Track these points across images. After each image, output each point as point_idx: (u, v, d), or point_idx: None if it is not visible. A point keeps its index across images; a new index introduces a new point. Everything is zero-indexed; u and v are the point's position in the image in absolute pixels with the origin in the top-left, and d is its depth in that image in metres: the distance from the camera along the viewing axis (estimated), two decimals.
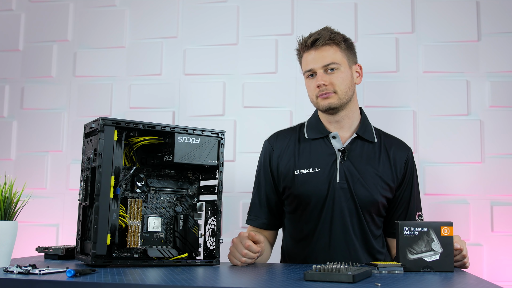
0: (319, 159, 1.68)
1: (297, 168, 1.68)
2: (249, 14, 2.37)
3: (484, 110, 2.19)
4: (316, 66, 1.67)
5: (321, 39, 1.68)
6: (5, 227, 1.23)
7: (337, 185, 1.65)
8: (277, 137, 1.79)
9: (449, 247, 1.32)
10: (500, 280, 2.06)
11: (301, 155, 1.70)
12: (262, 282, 1.04)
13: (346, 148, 1.67)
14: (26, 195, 1.39)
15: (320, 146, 1.71)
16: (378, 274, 1.23)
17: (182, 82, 2.38)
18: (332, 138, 1.71)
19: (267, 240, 1.75)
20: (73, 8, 2.50)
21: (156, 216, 1.38)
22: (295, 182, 1.67)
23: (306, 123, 1.80)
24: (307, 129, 1.76)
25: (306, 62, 1.70)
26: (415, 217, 1.75)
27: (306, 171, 1.67)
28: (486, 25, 2.22)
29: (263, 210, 1.75)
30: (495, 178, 2.14)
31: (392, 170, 1.71)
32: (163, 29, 2.42)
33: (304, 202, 1.66)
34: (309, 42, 1.69)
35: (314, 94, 1.69)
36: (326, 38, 1.67)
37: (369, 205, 1.65)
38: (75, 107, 2.43)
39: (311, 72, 1.69)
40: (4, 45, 2.52)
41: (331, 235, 1.64)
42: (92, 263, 1.22)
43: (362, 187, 1.65)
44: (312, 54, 1.69)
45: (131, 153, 1.38)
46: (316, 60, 1.68)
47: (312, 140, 1.72)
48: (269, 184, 1.75)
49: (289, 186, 1.69)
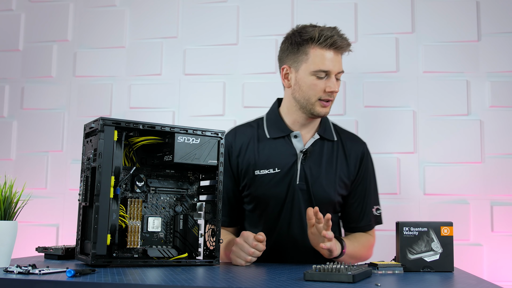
0: (280, 160, 1.64)
1: (257, 168, 1.64)
2: (249, 14, 2.37)
3: (484, 110, 2.19)
4: (334, 69, 1.58)
5: (345, 46, 1.59)
6: (5, 227, 1.23)
7: (297, 186, 1.63)
8: (236, 134, 1.71)
9: (449, 247, 1.32)
10: (500, 280, 2.06)
11: (261, 155, 1.65)
12: (262, 282, 1.04)
13: (308, 149, 1.64)
14: (26, 195, 1.39)
15: (281, 145, 1.66)
16: (378, 274, 1.23)
17: (182, 82, 2.38)
18: (293, 137, 1.66)
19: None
20: (73, 8, 2.50)
21: (156, 216, 1.38)
22: (254, 183, 1.64)
23: (265, 119, 1.73)
24: (268, 127, 1.70)
25: (323, 60, 1.56)
26: (372, 211, 1.73)
27: (266, 171, 1.63)
28: (486, 25, 2.22)
29: (224, 207, 1.64)
30: (495, 178, 2.14)
31: (348, 167, 1.69)
32: (163, 29, 2.42)
33: (263, 202, 1.64)
34: (330, 41, 1.56)
35: (317, 96, 1.59)
36: (347, 46, 1.60)
37: (327, 205, 1.64)
38: (75, 107, 2.43)
39: (325, 72, 1.58)
40: (4, 45, 2.52)
41: (289, 235, 1.62)
42: (92, 263, 1.22)
43: (320, 187, 1.64)
44: (331, 54, 1.57)
45: (131, 153, 1.38)
46: (334, 64, 1.58)
47: (272, 139, 1.67)
48: (229, 181, 1.67)
49: (249, 186, 1.65)
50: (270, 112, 1.75)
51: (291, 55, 1.64)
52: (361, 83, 2.25)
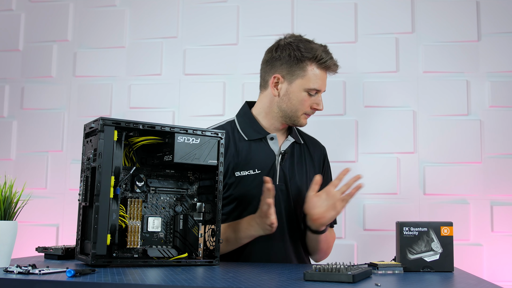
0: (259, 161, 1.66)
1: (237, 170, 1.65)
2: (249, 14, 2.37)
3: (484, 110, 2.19)
4: (323, 89, 1.67)
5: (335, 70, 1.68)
6: (5, 227, 1.23)
7: (277, 187, 1.64)
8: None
9: (449, 247, 1.32)
10: (500, 280, 2.06)
11: (240, 156, 1.66)
12: (262, 282, 1.04)
13: (286, 151, 1.69)
14: (26, 195, 1.39)
15: (258, 147, 1.68)
16: (378, 274, 1.23)
17: (182, 82, 2.38)
18: (269, 139, 1.70)
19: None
20: (73, 8, 2.50)
21: (156, 216, 1.38)
22: (235, 184, 1.64)
23: (238, 122, 1.74)
24: (242, 129, 1.71)
25: (318, 79, 1.64)
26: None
27: (246, 172, 1.64)
28: (486, 25, 2.22)
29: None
30: (495, 178, 2.14)
31: (314, 168, 1.76)
32: (163, 29, 2.42)
33: (244, 203, 1.64)
34: (327, 64, 1.64)
35: (304, 110, 1.66)
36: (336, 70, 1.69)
37: (302, 203, 1.65)
38: (75, 107, 2.43)
39: (315, 92, 1.64)
40: (4, 45, 2.52)
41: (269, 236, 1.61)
42: (92, 263, 1.22)
43: (295, 187, 1.68)
44: (324, 76, 1.66)
45: (131, 153, 1.38)
46: (324, 84, 1.67)
47: (250, 140, 1.69)
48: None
49: (229, 187, 1.65)
50: (242, 114, 1.76)
51: (286, 67, 1.66)
52: (361, 83, 2.25)
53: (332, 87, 2.29)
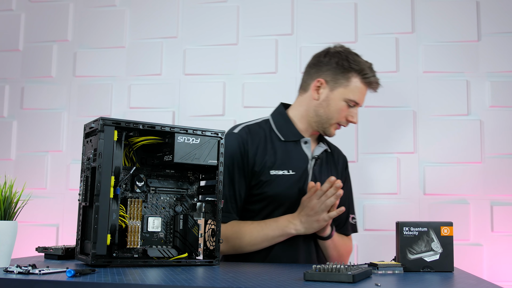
0: (294, 162, 1.68)
1: (273, 168, 1.65)
2: (249, 14, 2.38)
3: (484, 110, 2.19)
4: (361, 103, 1.71)
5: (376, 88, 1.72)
6: (5, 227, 1.23)
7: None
8: (250, 132, 1.71)
9: (449, 247, 1.32)
10: (500, 280, 2.06)
11: (277, 156, 1.67)
12: (262, 282, 1.04)
13: (319, 156, 1.72)
14: (26, 195, 1.39)
15: (294, 149, 1.70)
16: (378, 274, 1.23)
17: (182, 82, 2.38)
18: (303, 143, 1.72)
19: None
20: (73, 8, 2.50)
21: (156, 216, 1.38)
22: (269, 182, 1.64)
23: (274, 122, 1.75)
24: (279, 130, 1.72)
25: (359, 93, 1.68)
26: (348, 218, 1.80)
27: (281, 172, 1.65)
28: (486, 25, 2.22)
29: (233, 206, 1.65)
30: (495, 178, 2.14)
31: (337, 175, 1.78)
32: (163, 29, 2.42)
33: (276, 202, 1.65)
34: (371, 80, 1.68)
35: (338, 120, 1.69)
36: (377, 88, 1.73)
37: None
38: (75, 107, 2.44)
39: (354, 104, 1.68)
40: (4, 45, 2.52)
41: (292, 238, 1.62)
42: (92, 263, 1.22)
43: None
44: (365, 90, 1.70)
45: (131, 153, 1.38)
46: (363, 98, 1.71)
47: (285, 141, 1.70)
48: (242, 180, 1.66)
49: (261, 185, 1.65)
50: (277, 115, 1.77)
51: (332, 73, 1.69)
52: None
53: None
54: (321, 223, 1.56)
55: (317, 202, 1.54)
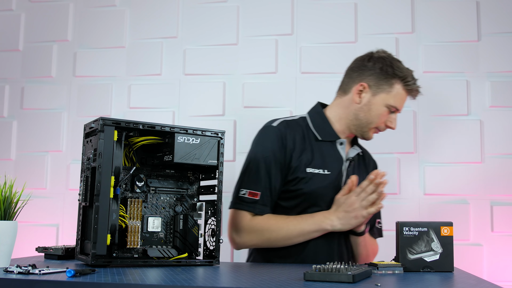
0: (330, 162, 1.69)
1: (310, 166, 1.66)
2: (249, 14, 2.38)
3: (484, 110, 2.19)
4: (400, 109, 1.72)
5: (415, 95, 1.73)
6: (5, 227, 1.23)
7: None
8: (288, 127, 1.70)
9: (449, 247, 1.32)
10: (500, 280, 2.06)
11: (314, 154, 1.68)
12: (262, 282, 1.04)
13: (354, 158, 1.74)
14: (26, 195, 1.39)
15: (330, 149, 1.71)
16: (378, 274, 1.23)
17: (182, 82, 2.38)
18: (339, 144, 1.73)
19: None
20: (73, 8, 2.50)
21: (156, 216, 1.38)
22: (306, 179, 1.65)
23: (311, 120, 1.76)
24: (316, 129, 1.73)
25: (400, 98, 1.70)
26: (375, 222, 1.80)
27: (317, 170, 1.66)
28: (486, 25, 2.22)
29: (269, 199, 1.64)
30: (495, 178, 2.14)
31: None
32: (163, 29, 2.42)
33: (311, 200, 1.65)
34: (413, 88, 1.70)
35: (377, 125, 1.70)
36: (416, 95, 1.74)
37: None
38: (75, 107, 2.44)
39: (394, 110, 1.70)
40: (4, 45, 2.52)
41: (327, 235, 1.63)
42: (92, 263, 1.22)
43: None
44: (405, 98, 1.72)
45: (131, 153, 1.38)
46: (403, 105, 1.72)
47: (322, 141, 1.72)
48: (279, 174, 1.65)
49: (297, 182, 1.65)
50: (315, 114, 1.78)
51: (375, 78, 1.70)
52: None
53: (332, 87, 2.29)
54: (359, 219, 1.56)
55: (356, 199, 1.55)
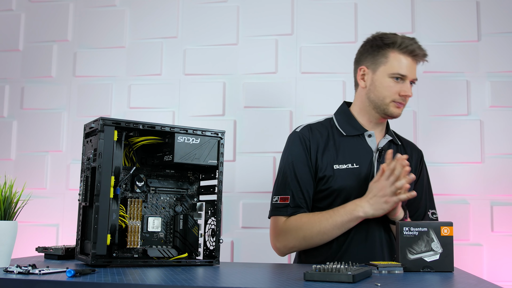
0: (358, 156, 1.69)
1: (336, 163, 1.67)
2: (249, 14, 2.38)
3: (484, 110, 2.19)
4: (410, 75, 1.68)
5: (421, 56, 1.70)
6: (5, 227, 1.23)
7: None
8: (311, 131, 1.74)
9: (449, 247, 1.32)
10: (500, 280, 2.06)
11: (340, 150, 1.69)
12: (262, 282, 1.04)
13: (384, 148, 1.71)
14: (26, 195, 1.39)
15: (357, 143, 1.71)
16: (378, 274, 1.23)
17: (182, 82, 2.38)
18: (367, 136, 1.72)
19: None
20: (73, 8, 2.50)
21: (156, 216, 1.38)
22: (334, 177, 1.66)
23: (336, 119, 1.77)
24: (340, 125, 1.74)
25: (401, 64, 1.67)
26: (427, 213, 1.77)
27: (345, 166, 1.67)
28: (486, 25, 2.22)
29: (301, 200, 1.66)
30: (495, 178, 2.14)
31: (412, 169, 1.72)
32: (163, 29, 2.42)
33: (343, 195, 1.65)
34: (410, 48, 1.67)
35: (392, 97, 1.67)
36: (423, 56, 1.70)
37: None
38: (75, 107, 2.44)
39: (401, 77, 1.67)
40: (4, 45, 2.52)
41: (368, 229, 1.63)
42: (92, 263, 1.22)
43: None
44: (409, 61, 1.68)
45: (131, 153, 1.38)
46: (410, 70, 1.68)
47: (348, 136, 1.72)
48: (308, 173, 1.67)
49: (327, 180, 1.66)
50: (340, 112, 1.80)
51: (370, 57, 1.72)
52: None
53: (332, 87, 2.30)
54: (390, 204, 1.54)
55: (386, 182, 1.54)
